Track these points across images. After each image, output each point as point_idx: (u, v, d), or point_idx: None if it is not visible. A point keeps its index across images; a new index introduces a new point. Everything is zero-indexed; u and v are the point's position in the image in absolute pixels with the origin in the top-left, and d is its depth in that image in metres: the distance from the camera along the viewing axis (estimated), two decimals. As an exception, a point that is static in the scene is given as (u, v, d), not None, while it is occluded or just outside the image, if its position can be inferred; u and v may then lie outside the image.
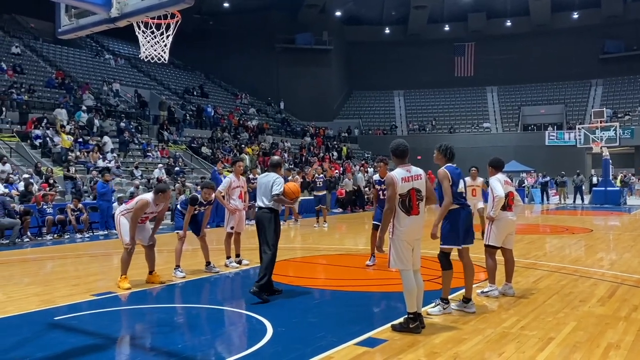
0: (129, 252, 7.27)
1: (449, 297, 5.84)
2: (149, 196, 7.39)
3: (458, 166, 6.00)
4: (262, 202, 6.70)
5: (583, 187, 27.83)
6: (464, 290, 5.95)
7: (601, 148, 27.50)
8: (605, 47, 44.58)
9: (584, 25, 44.31)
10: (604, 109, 33.56)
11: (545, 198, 28.00)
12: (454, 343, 4.78)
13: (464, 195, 5.85)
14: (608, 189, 26.42)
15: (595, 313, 5.78)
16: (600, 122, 28.74)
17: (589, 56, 44.07)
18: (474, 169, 11.16)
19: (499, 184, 6.44)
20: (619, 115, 38.45)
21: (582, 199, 27.33)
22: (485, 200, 9.52)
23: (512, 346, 4.69)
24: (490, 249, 6.50)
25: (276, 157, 7.22)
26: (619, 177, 29.02)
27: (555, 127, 40.86)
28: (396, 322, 5.22)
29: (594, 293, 6.72)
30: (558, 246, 11.40)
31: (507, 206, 6.48)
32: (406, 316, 5.12)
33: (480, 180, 11.10)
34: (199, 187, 8.12)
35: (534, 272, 8.15)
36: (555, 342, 4.79)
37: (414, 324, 5.06)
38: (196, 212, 8.24)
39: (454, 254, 5.92)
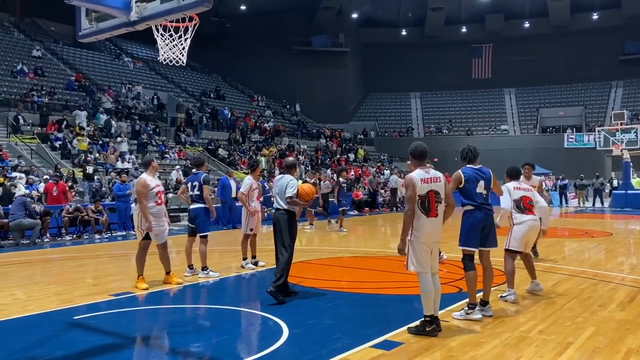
0: (144, 248, 7.33)
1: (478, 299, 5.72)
2: (142, 174, 7.52)
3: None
4: (278, 203, 6.74)
5: (604, 191, 27.44)
6: (481, 294, 5.88)
7: (621, 151, 27.09)
8: (625, 48, 43.87)
9: (604, 26, 43.69)
10: (625, 110, 33.07)
11: (564, 201, 27.66)
12: (471, 346, 4.75)
13: (484, 195, 5.65)
14: (629, 192, 26.01)
15: (615, 318, 5.69)
16: (621, 124, 28.34)
17: (609, 57, 43.42)
18: (527, 166, 8.73)
19: (507, 195, 6.51)
20: (640, 117, 37.86)
21: (602, 202, 26.95)
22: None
23: (530, 350, 4.64)
24: (510, 253, 6.46)
25: (290, 159, 7.25)
26: (637, 180, 28.51)
27: (574, 129, 40.34)
28: (412, 324, 5.20)
29: (614, 298, 6.62)
30: (577, 250, 11.25)
31: (524, 209, 6.48)
32: (423, 319, 5.10)
33: (536, 179, 8.82)
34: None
35: (553, 275, 8.06)
36: (574, 346, 4.73)
37: (430, 327, 5.03)
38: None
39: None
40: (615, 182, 29.93)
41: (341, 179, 16.44)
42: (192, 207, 8.25)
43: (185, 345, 4.90)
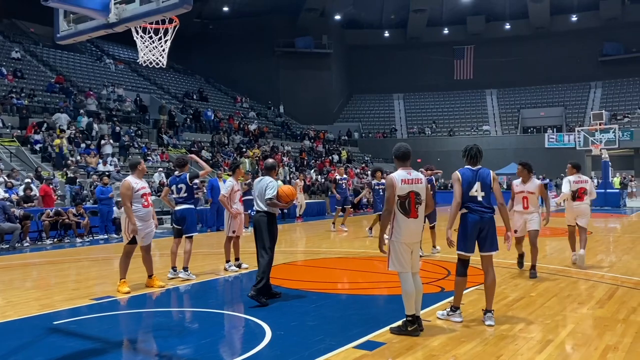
0: (129, 252, 7.28)
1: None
2: (127, 177, 7.50)
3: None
4: (258, 205, 6.72)
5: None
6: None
7: (601, 150, 27.53)
8: (604, 50, 44.64)
9: (583, 27, 44.37)
10: (603, 111, 33.57)
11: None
12: (452, 346, 4.79)
13: (478, 199, 5.44)
14: (608, 191, 26.43)
15: (594, 315, 5.79)
16: (600, 125, 28.79)
17: (588, 59, 44.13)
18: (519, 167, 8.37)
19: (567, 184, 8.80)
20: (618, 118, 38.49)
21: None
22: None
23: (510, 349, 4.70)
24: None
25: (270, 160, 7.16)
26: (617, 179, 29.01)
27: (554, 129, 40.87)
28: (394, 325, 5.24)
29: (593, 295, 6.73)
30: (558, 248, 11.39)
31: (576, 197, 8.78)
32: (405, 319, 5.13)
33: (536, 183, 8.33)
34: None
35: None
36: (553, 344, 4.80)
37: (412, 327, 5.07)
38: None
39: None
40: (595, 182, 30.36)
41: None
42: (178, 208, 8.21)
43: (167, 349, 4.88)
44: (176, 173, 8.48)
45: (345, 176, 17.36)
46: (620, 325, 5.35)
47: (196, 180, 8.36)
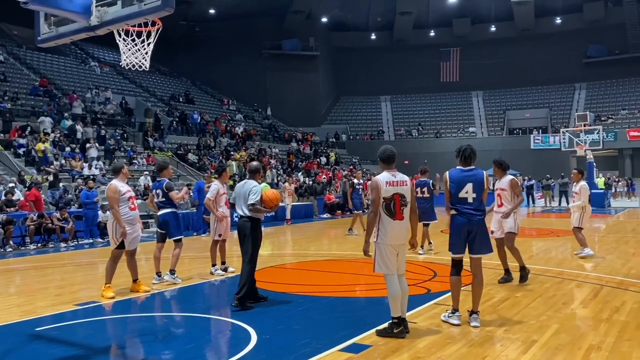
0: (117, 257, 7.22)
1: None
2: (113, 180, 7.45)
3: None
4: (241, 210, 6.56)
5: (568, 190, 28.07)
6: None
7: (585, 151, 27.82)
8: (588, 52, 45.18)
9: (567, 30, 44.86)
10: (588, 112, 33.98)
11: (530, 201, 28.23)
12: (438, 347, 4.80)
13: (468, 200, 5.39)
14: (592, 191, 26.66)
15: (578, 315, 5.83)
16: (584, 126, 29.10)
17: (573, 60, 44.63)
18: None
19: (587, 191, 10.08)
20: (603, 119, 38.93)
21: (568, 202, 27.57)
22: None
23: (495, 349, 4.72)
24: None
25: (254, 163, 7.05)
26: (602, 180, 29.34)
27: (540, 130, 41.27)
28: (380, 327, 5.23)
29: (577, 295, 6.79)
30: (543, 249, 11.49)
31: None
32: (391, 321, 5.13)
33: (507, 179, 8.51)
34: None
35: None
36: (537, 344, 4.83)
37: (398, 329, 5.07)
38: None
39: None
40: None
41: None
42: (159, 213, 8.15)
43: (152, 354, 4.83)
44: (157, 178, 8.44)
45: (361, 180, 17.09)
46: (604, 325, 5.40)
47: (173, 192, 8.20)
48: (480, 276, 5.52)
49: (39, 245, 13.69)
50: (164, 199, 8.05)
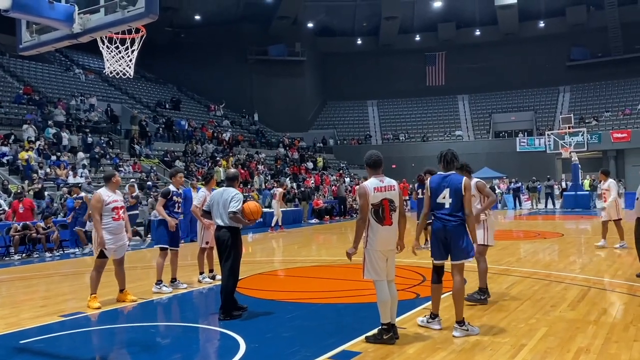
0: (100, 266, 7.13)
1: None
2: (100, 189, 7.40)
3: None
4: (220, 219, 6.31)
5: (554, 192, 28.38)
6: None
7: (570, 153, 28.09)
8: (571, 55, 45.75)
9: (550, 33, 45.39)
10: (572, 114, 34.37)
11: (517, 203, 28.44)
12: (428, 353, 4.79)
13: (445, 206, 5.35)
14: (578, 193, 26.97)
15: (566, 318, 5.85)
16: (569, 128, 29.40)
17: (556, 63, 45.15)
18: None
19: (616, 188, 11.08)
20: (587, 121, 39.37)
21: (554, 204, 27.85)
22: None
23: (484, 354, 4.71)
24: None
25: (232, 170, 6.82)
26: (587, 181, 29.66)
27: (525, 133, 41.62)
28: (370, 333, 5.21)
29: (565, 297, 6.81)
30: (531, 251, 11.55)
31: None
32: (380, 327, 5.11)
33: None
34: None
35: (507, 278, 8.24)
36: (527, 348, 4.83)
37: (387, 335, 5.05)
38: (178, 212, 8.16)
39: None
40: (564, 184, 31.04)
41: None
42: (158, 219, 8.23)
43: (138, 366, 4.76)
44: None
45: None
46: (592, 327, 5.42)
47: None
48: (458, 282, 5.35)
49: (24, 255, 13.48)
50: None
